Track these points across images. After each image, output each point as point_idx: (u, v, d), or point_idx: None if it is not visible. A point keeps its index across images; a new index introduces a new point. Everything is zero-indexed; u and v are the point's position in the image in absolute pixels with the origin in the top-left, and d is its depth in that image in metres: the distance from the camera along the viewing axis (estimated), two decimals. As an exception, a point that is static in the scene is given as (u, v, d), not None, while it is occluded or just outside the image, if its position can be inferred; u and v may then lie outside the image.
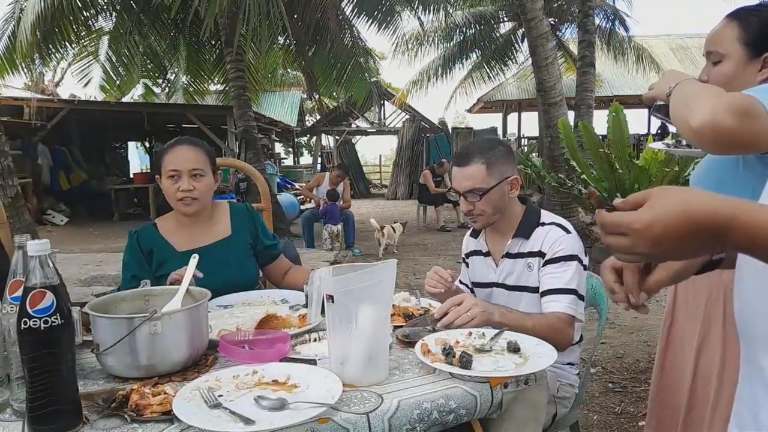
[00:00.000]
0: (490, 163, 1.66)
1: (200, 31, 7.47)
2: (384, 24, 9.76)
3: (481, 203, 1.67)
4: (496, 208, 1.69)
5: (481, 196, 1.66)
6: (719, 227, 0.62)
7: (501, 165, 1.68)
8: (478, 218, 1.71)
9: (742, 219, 0.61)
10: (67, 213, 11.73)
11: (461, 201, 1.72)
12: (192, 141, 1.89)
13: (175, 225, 1.91)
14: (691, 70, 15.23)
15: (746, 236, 0.62)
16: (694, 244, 0.63)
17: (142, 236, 1.88)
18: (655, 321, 4.23)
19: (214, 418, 0.96)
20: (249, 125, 8.65)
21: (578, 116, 8.32)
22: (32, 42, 7.77)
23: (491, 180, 1.66)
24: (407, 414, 1.04)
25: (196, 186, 1.81)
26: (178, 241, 1.88)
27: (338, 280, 1.12)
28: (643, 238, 0.63)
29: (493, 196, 1.67)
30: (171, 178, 1.80)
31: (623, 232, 0.64)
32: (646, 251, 0.64)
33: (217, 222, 1.94)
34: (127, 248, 1.89)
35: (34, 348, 0.91)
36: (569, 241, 1.65)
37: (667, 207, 0.62)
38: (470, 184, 1.67)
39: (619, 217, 0.64)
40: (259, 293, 1.80)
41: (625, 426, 2.62)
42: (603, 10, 12.48)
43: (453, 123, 20.17)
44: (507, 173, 1.69)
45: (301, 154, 24.97)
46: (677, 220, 0.61)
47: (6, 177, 4.42)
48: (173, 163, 1.81)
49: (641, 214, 0.63)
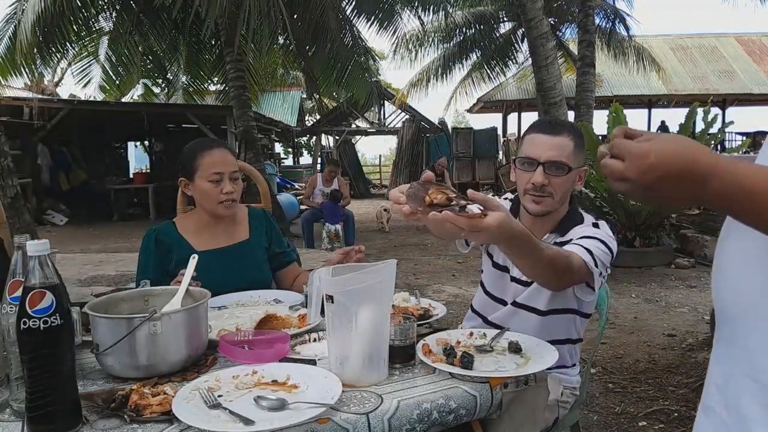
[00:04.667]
0: (578, 144, 1.54)
1: (200, 31, 7.48)
2: (384, 24, 9.76)
3: (558, 181, 1.50)
4: (565, 194, 1.55)
5: (566, 172, 1.50)
6: (701, 172, 0.68)
7: (582, 151, 1.56)
8: (544, 199, 1.52)
9: (721, 168, 0.67)
10: (66, 213, 11.74)
11: (536, 173, 1.50)
12: (224, 144, 1.95)
13: (195, 225, 1.93)
14: (691, 69, 15.26)
15: (724, 185, 0.68)
16: (678, 186, 0.69)
17: (161, 233, 1.90)
18: (655, 321, 4.24)
19: (213, 418, 0.96)
20: (249, 125, 8.65)
21: (578, 116, 8.33)
22: (32, 42, 7.78)
23: (575, 161, 1.52)
24: (407, 414, 1.04)
25: (235, 188, 1.86)
26: (197, 241, 1.90)
27: (338, 280, 1.12)
28: (635, 164, 0.69)
29: (570, 178, 1.52)
30: (213, 181, 1.83)
31: (622, 156, 0.71)
32: (635, 178, 0.70)
33: (236, 225, 1.97)
34: (142, 248, 1.90)
35: (33, 348, 0.91)
36: (600, 230, 1.51)
37: (664, 143, 0.70)
38: (557, 155, 1.49)
39: (624, 142, 0.72)
40: (250, 293, 1.80)
41: (625, 426, 2.62)
42: (603, 10, 12.48)
43: (453, 123, 20.17)
44: (582, 163, 1.58)
45: (301, 154, 24.99)
46: (669, 156, 0.69)
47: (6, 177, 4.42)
48: (216, 165, 1.83)
49: (642, 143, 0.71)
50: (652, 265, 5.97)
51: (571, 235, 1.52)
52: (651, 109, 15.92)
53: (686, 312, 4.45)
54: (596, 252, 1.40)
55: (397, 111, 18.27)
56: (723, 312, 0.82)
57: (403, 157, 16.88)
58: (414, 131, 16.83)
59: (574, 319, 1.65)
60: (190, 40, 9.85)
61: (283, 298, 1.75)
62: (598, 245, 1.43)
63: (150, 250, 1.88)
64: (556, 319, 1.61)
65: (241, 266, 1.89)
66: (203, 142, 1.92)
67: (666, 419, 2.66)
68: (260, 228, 2.00)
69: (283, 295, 1.79)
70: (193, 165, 1.85)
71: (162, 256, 1.87)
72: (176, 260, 1.85)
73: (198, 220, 1.94)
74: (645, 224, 6.05)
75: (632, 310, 4.53)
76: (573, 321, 1.64)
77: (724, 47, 15.92)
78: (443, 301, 1.75)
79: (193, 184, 1.87)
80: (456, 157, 15.48)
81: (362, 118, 18.81)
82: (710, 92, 13.25)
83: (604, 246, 1.45)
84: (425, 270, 6.24)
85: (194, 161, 1.85)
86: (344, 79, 10.26)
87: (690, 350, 3.56)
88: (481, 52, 14.34)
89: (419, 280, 5.82)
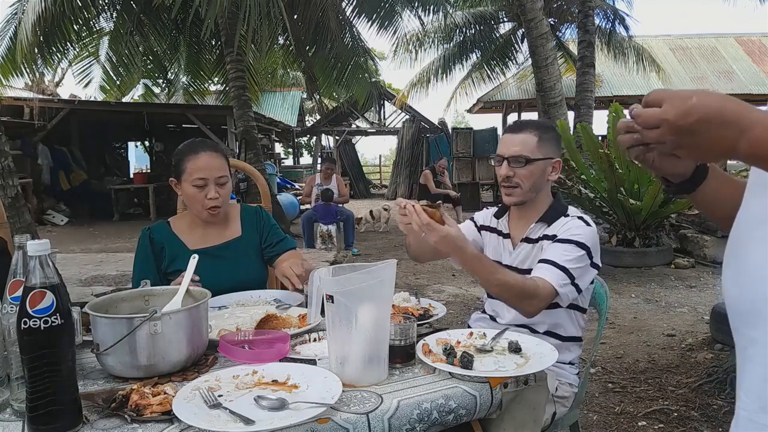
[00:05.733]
0: (541, 137, 1.68)
1: (200, 31, 7.48)
2: (384, 24, 9.76)
3: (523, 172, 1.66)
4: (534, 184, 1.68)
5: (526, 163, 1.65)
6: (742, 116, 0.67)
7: (551, 144, 1.70)
8: (513, 190, 1.69)
9: (762, 115, 0.66)
10: (67, 213, 11.74)
11: (502, 167, 1.69)
12: (213, 146, 1.89)
13: (189, 224, 1.94)
14: (691, 69, 15.25)
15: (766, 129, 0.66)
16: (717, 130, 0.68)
17: (155, 232, 1.91)
18: (655, 321, 4.24)
19: (213, 418, 0.96)
20: (249, 125, 8.65)
21: (578, 116, 8.33)
22: (33, 42, 7.78)
23: (539, 153, 1.66)
24: (407, 414, 1.04)
25: (221, 193, 1.84)
26: (190, 239, 1.90)
27: (338, 280, 1.12)
28: (676, 105, 0.69)
29: (536, 169, 1.66)
30: (198, 186, 1.81)
31: (659, 101, 0.71)
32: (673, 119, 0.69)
33: (228, 223, 1.97)
34: (138, 247, 1.91)
35: (34, 348, 0.91)
36: (586, 232, 1.62)
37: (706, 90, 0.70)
38: (518, 150, 1.66)
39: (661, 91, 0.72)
40: (250, 293, 1.80)
41: (624, 426, 2.62)
42: (603, 10, 12.48)
43: (453, 123, 20.17)
44: (553, 155, 1.70)
45: (301, 154, 24.99)
46: (712, 99, 0.68)
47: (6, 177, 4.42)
48: (201, 171, 1.80)
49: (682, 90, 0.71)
50: (652, 265, 5.97)
51: (557, 228, 1.65)
52: (651, 109, 15.90)
53: (686, 312, 4.45)
54: (571, 266, 1.55)
55: (397, 111, 18.26)
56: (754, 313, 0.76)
57: (403, 158, 16.87)
58: (414, 131, 16.82)
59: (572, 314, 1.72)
60: (191, 40, 9.85)
61: (283, 298, 1.75)
62: (575, 254, 1.56)
63: (145, 249, 1.89)
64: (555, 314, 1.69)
65: (232, 264, 1.89)
66: (192, 145, 1.88)
67: (666, 419, 2.66)
68: (253, 225, 1.99)
69: (283, 295, 1.79)
70: (180, 167, 1.84)
71: (156, 254, 1.88)
72: (169, 258, 1.87)
73: (191, 220, 1.94)
74: (645, 224, 6.05)
75: (632, 310, 4.53)
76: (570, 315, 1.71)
77: (723, 47, 15.91)
78: (443, 301, 1.76)
79: (180, 187, 1.87)
80: (456, 157, 15.47)
81: (362, 118, 18.80)
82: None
83: (581, 249, 1.58)
84: (425, 270, 6.24)
85: (182, 164, 1.84)
86: (344, 79, 10.26)
87: (690, 350, 3.56)
88: (481, 53, 14.33)
89: (419, 280, 5.82)
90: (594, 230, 1.64)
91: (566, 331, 1.70)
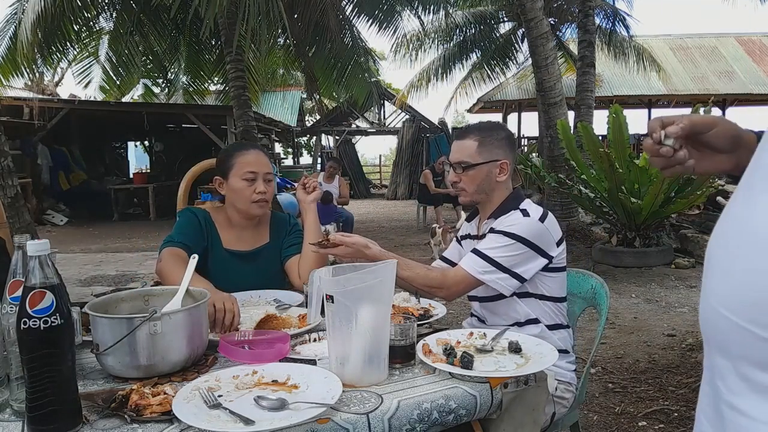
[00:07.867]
0: (483, 141, 1.72)
1: (200, 31, 7.47)
2: (384, 24, 9.76)
3: (465, 177, 1.73)
4: (479, 186, 1.73)
5: (465, 170, 1.72)
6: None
7: (494, 147, 1.73)
8: (461, 192, 1.77)
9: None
10: (66, 213, 11.75)
11: (450, 173, 1.79)
12: (260, 146, 1.98)
13: (226, 221, 1.96)
14: (691, 69, 15.25)
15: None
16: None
17: (199, 215, 1.92)
18: (655, 321, 4.24)
19: (213, 418, 0.96)
20: (249, 125, 8.65)
21: (578, 116, 8.33)
22: (33, 42, 7.78)
23: (479, 158, 1.71)
24: (407, 414, 1.04)
25: (268, 190, 1.88)
26: (226, 237, 1.93)
27: (338, 280, 1.12)
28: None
29: (478, 173, 1.72)
30: (247, 180, 1.85)
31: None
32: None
33: (260, 228, 2.00)
34: (182, 219, 1.90)
35: (33, 348, 0.91)
36: (522, 222, 1.64)
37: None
38: (459, 156, 1.74)
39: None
40: (250, 293, 1.80)
41: (624, 426, 2.62)
42: (603, 10, 12.47)
43: (453, 123, 20.17)
44: (498, 156, 1.73)
45: (301, 154, 24.97)
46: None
47: (6, 177, 4.43)
48: (252, 165, 1.86)
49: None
50: (652, 265, 5.97)
51: (497, 223, 1.70)
52: (651, 109, 15.90)
53: (686, 312, 4.44)
54: (497, 254, 1.61)
55: (397, 111, 18.26)
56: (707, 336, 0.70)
57: (403, 157, 16.88)
58: (414, 131, 16.83)
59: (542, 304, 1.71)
60: (191, 40, 9.84)
61: (283, 298, 1.75)
62: (501, 243, 1.62)
63: (192, 221, 1.89)
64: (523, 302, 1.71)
65: (262, 270, 1.92)
66: (240, 144, 1.97)
67: (666, 419, 2.66)
68: (279, 232, 2.01)
69: (283, 296, 1.79)
70: (228, 164, 1.88)
71: (201, 232, 1.89)
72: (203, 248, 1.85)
73: (229, 217, 1.96)
74: (645, 224, 6.05)
75: (632, 310, 4.53)
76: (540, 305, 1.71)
77: (724, 47, 15.91)
78: (443, 301, 1.76)
79: (227, 183, 1.89)
80: (456, 157, 15.47)
81: (362, 118, 18.80)
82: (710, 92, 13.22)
83: (510, 239, 1.62)
84: (425, 270, 6.22)
85: (230, 160, 1.88)
86: (344, 79, 10.26)
87: (690, 350, 3.56)
88: (481, 52, 14.32)
89: (419, 280, 5.81)
90: (533, 221, 1.65)
91: (548, 320, 1.71)
